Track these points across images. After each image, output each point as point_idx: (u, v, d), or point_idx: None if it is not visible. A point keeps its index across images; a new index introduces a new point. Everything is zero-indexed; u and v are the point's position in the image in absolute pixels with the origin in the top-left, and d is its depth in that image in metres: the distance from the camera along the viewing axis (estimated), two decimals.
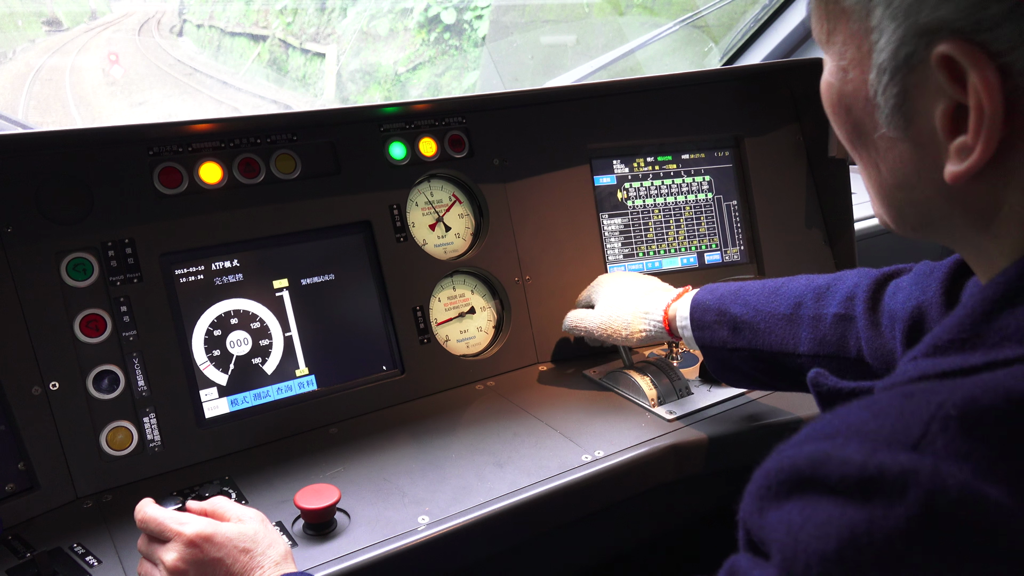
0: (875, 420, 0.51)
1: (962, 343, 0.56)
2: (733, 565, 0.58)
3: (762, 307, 1.12)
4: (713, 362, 1.18)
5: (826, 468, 0.50)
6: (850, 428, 0.52)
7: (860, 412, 0.53)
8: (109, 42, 5.95)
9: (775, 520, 0.52)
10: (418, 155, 1.47)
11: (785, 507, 0.52)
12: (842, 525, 0.48)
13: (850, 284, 1.05)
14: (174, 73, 6.18)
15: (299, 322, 1.34)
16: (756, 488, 0.56)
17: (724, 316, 1.14)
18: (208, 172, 1.30)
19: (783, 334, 1.08)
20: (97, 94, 5.38)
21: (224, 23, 6.46)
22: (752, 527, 0.55)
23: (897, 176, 0.62)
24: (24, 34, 5.47)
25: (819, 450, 0.52)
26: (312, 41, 5.81)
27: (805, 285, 1.10)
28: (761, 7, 2.60)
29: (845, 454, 0.50)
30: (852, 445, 0.50)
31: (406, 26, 5.45)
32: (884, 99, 0.59)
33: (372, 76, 5.51)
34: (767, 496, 0.54)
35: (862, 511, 0.47)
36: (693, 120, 1.65)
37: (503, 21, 4.53)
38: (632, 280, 1.37)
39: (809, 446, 0.53)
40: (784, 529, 0.51)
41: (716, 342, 1.15)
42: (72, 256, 1.19)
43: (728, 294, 1.16)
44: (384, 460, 1.21)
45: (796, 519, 0.51)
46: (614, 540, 1.37)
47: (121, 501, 1.14)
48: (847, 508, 0.48)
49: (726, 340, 1.14)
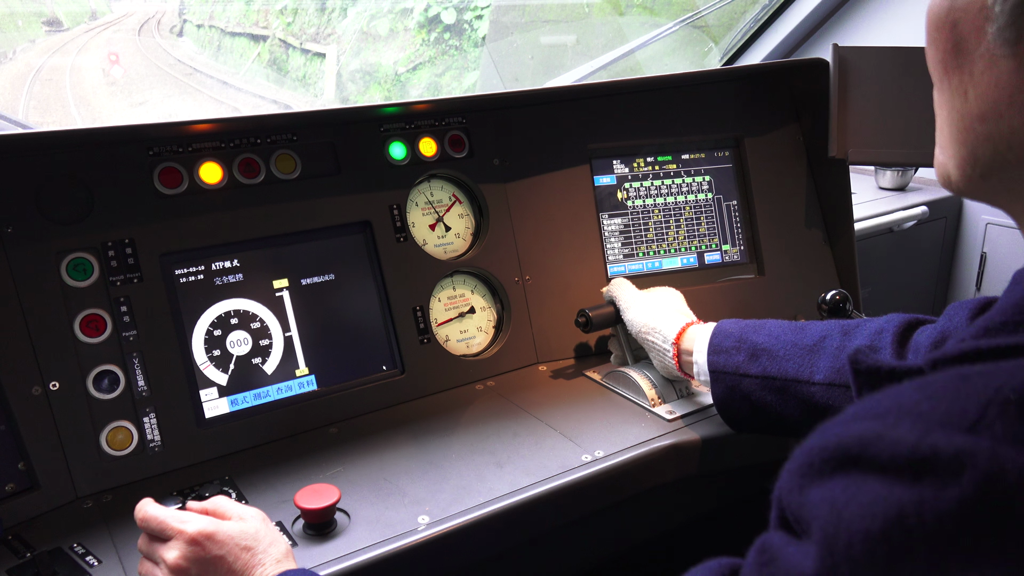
0: (929, 401, 0.50)
1: (1016, 325, 0.55)
2: (765, 543, 0.56)
3: (785, 337, 1.13)
4: (721, 388, 1.17)
5: (876, 447, 0.49)
6: (902, 408, 0.51)
7: (912, 393, 0.52)
8: (109, 42, 5.95)
9: (817, 497, 0.51)
10: (418, 155, 1.47)
11: (828, 484, 0.51)
12: (889, 504, 0.47)
13: (880, 322, 1.05)
14: (174, 73, 6.17)
15: (299, 322, 1.34)
16: (797, 465, 0.54)
17: (744, 343, 1.15)
18: (208, 172, 1.30)
19: (801, 362, 1.09)
20: (97, 94, 5.37)
21: (224, 23, 6.45)
22: (789, 504, 0.54)
23: (985, 103, 0.60)
24: (24, 34, 5.47)
25: (869, 429, 0.50)
26: (312, 41, 5.81)
27: (835, 324, 1.11)
28: (761, 7, 2.60)
29: (897, 434, 0.49)
30: (904, 425, 0.49)
31: (406, 26, 5.45)
32: (1002, 8, 0.57)
33: (372, 76, 5.51)
34: (809, 473, 0.53)
35: (912, 491, 0.46)
36: (693, 120, 1.65)
37: (503, 21, 4.53)
38: (652, 299, 1.37)
39: (857, 425, 0.51)
40: (827, 507, 0.50)
41: (729, 367, 1.15)
42: (72, 256, 1.19)
43: (752, 325, 1.18)
44: (384, 460, 1.21)
45: (840, 496, 0.49)
46: (614, 540, 1.37)
47: (121, 501, 1.14)
48: (895, 487, 0.47)
49: (739, 365, 1.14)
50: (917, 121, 1.55)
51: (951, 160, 0.65)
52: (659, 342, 1.28)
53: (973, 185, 0.65)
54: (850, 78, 1.56)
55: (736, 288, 1.64)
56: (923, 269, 2.34)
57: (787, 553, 0.53)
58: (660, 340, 1.27)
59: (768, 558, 0.54)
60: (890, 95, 1.56)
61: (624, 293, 1.37)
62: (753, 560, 0.56)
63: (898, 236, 2.17)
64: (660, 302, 1.34)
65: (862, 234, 2.00)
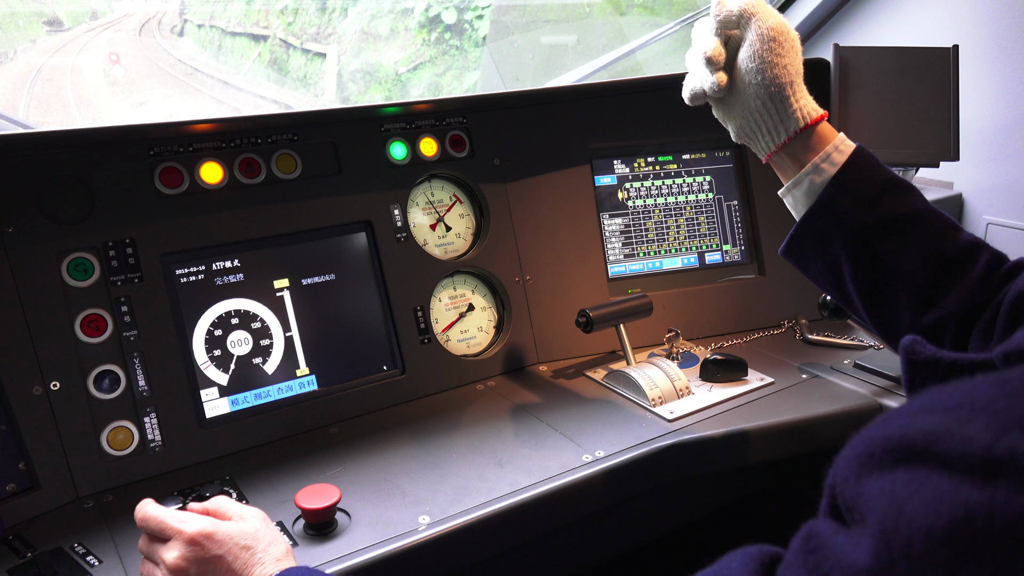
0: (1006, 399, 0.47)
1: None
2: (811, 530, 0.54)
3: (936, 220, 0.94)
4: (812, 227, 1.00)
5: (945, 443, 0.46)
6: (976, 404, 0.48)
7: (988, 388, 0.49)
8: (110, 42, 5.94)
9: (876, 489, 0.49)
10: (419, 155, 1.47)
11: (889, 476, 0.48)
12: (957, 504, 0.44)
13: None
14: (175, 73, 6.17)
15: (300, 322, 1.34)
16: (856, 454, 0.52)
17: (886, 191, 0.94)
18: (209, 172, 1.30)
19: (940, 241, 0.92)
20: (98, 94, 5.37)
21: (225, 23, 6.45)
22: (843, 493, 0.52)
23: None
24: (25, 34, 5.46)
25: (938, 423, 0.48)
26: (313, 41, 5.80)
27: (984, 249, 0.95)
28: None
29: (970, 431, 0.46)
30: (979, 422, 0.46)
31: (407, 26, 5.44)
32: None
33: (373, 76, 5.51)
34: (869, 463, 0.50)
35: (983, 492, 0.44)
36: (694, 120, 1.64)
37: (504, 21, 4.53)
38: None
39: (926, 417, 0.49)
40: (887, 499, 0.47)
41: (847, 207, 0.95)
42: (73, 256, 1.19)
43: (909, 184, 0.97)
44: (385, 460, 1.21)
45: (902, 490, 0.47)
46: (614, 540, 1.37)
47: (122, 501, 1.14)
48: (964, 487, 0.45)
49: (864, 216, 0.94)
50: (918, 121, 1.55)
51: None
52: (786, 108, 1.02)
53: None
54: (851, 78, 1.56)
55: (737, 288, 1.64)
56: None
57: (836, 542, 0.51)
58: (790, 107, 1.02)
59: (815, 545, 0.52)
60: (891, 95, 1.56)
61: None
62: (798, 547, 0.54)
63: None
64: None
65: None
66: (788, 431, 1.26)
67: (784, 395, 1.33)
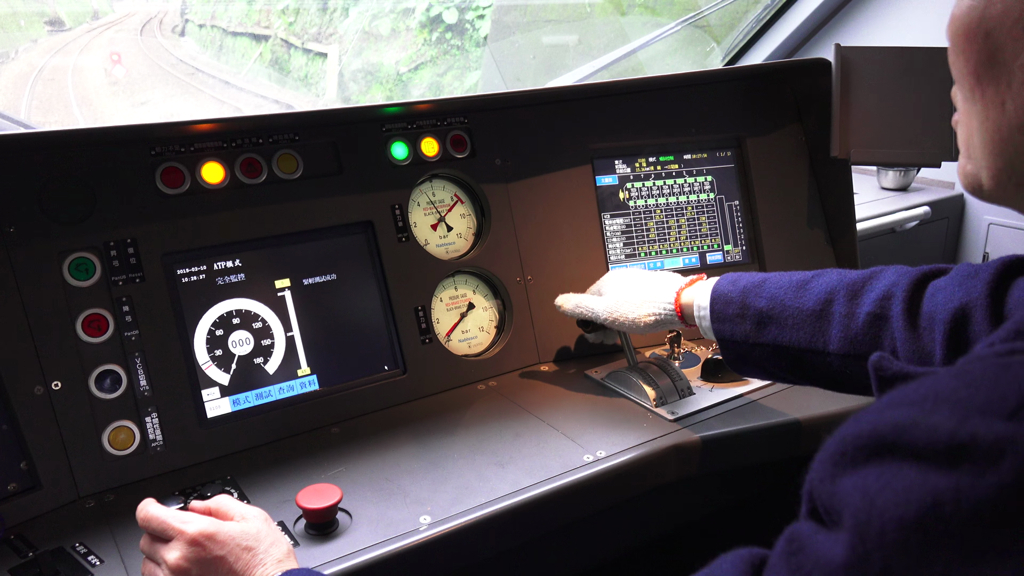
0: (967, 388, 0.48)
1: None
2: (793, 532, 0.55)
3: (789, 302, 1.07)
4: (732, 355, 1.14)
5: (912, 434, 0.48)
6: (939, 395, 0.49)
7: (949, 380, 0.50)
8: (111, 42, 5.95)
9: (849, 486, 0.50)
10: (420, 155, 1.47)
11: (861, 472, 0.50)
12: (925, 491, 0.45)
13: (886, 283, 1.01)
14: (176, 73, 6.18)
15: (301, 322, 1.34)
16: (829, 455, 0.53)
17: (747, 310, 1.10)
18: (210, 172, 1.30)
19: (811, 331, 1.04)
20: (99, 94, 5.37)
21: (226, 23, 6.46)
22: (820, 494, 0.53)
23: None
24: (26, 34, 5.47)
25: (904, 416, 0.49)
26: (314, 41, 5.81)
27: (837, 281, 1.06)
28: (763, 7, 2.60)
29: (934, 421, 0.47)
30: (942, 412, 0.48)
31: (408, 26, 5.45)
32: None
33: (374, 76, 5.51)
34: (842, 462, 0.52)
35: (948, 478, 0.45)
36: (695, 120, 1.65)
37: (505, 21, 4.53)
38: (641, 272, 1.34)
39: (893, 412, 0.50)
40: (859, 495, 0.49)
41: (737, 335, 1.11)
42: (74, 256, 1.20)
43: (751, 287, 1.12)
44: (386, 460, 1.21)
45: (873, 484, 0.48)
46: (616, 540, 1.37)
47: (123, 501, 1.14)
48: (931, 475, 0.46)
49: (748, 334, 1.10)
50: (919, 121, 1.55)
51: (984, 170, 0.65)
52: (664, 313, 1.23)
53: (1007, 193, 0.64)
54: (852, 78, 1.56)
55: None
56: None
57: (815, 541, 0.52)
58: (663, 311, 1.23)
59: (796, 547, 0.53)
60: (892, 95, 1.56)
61: (594, 306, 1.33)
62: (781, 549, 0.55)
63: (900, 236, 2.17)
64: (637, 289, 1.29)
65: (864, 234, 2.00)
66: (789, 432, 1.26)
67: (785, 396, 1.33)
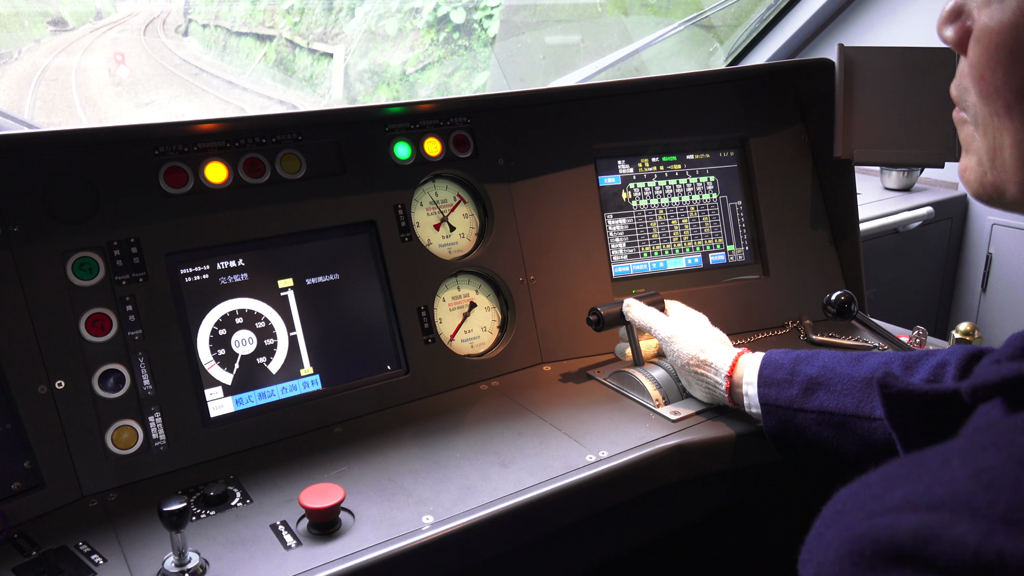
0: (987, 493, 0.46)
1: None
2: None
3: (840, 369, 1.08)
4: (774, 421, 1.13)
5: (934, 548, 0.45)
6: (956, 499, 0.47)
7: (965, 480, 0.48)
8: (115, 42, 5.96)
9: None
10: (423, 155, 1.48)
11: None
12: None
13: (943, 354, 1.01)
14: (180, 73, 6.18)
15: (304, 322, 1.35)
16: (844, 553, 0.50)
17: (796, 376, 1.10)
18: (213, 172, 1.31)
19: (860, 396, 1.04)
20: (103, 94, 5.38)
21: (230, 23, 6.46)
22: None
23: None
24: (30, 34, 5.48)
25: (923, 525, 0.47)
26: (319, 41, 5.81)
27: (894, 355, 1.07)
28: (766, 7, 2.60)
29: (956, 534, 0.45)
30: (963, 523, 0.45)
31: (415, 26, 5.44)
32: None
33: (380, 76, 5.51)
34: (860, 564, 0.49)
35: None
36: (698, 120, 1.65)
37: (513, 21, 4.52)
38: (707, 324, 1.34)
39: (909, 517, 0.48)
40: None
41: (783, 400, 1.11)
42: (78, 255, 1.20)
43: (803, 355, 1.13)
44: (388, 460, 1.21)
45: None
46: (618, 541, 1.37)
47: (126, 500, 1.14)
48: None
49: (793, 399, 1.09)
50: (923, 122, 1.55)
51: (1012, 184, 0.65)
52: (711, 375, 1.23)
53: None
54: (856, 78, 1.56)
55: (741, 289, 1.63)
56: (928, 270, 2.33)
57: None
58: (712, 374, 1.23)
59: None
60: (896, 96, 1.56)
61: (658, 322, 1.32)
62: None
63: (904, 237, 2.17)
64: (701, 330, 1.30)
65: (867, 235, 2.00)
66: None
67: None
